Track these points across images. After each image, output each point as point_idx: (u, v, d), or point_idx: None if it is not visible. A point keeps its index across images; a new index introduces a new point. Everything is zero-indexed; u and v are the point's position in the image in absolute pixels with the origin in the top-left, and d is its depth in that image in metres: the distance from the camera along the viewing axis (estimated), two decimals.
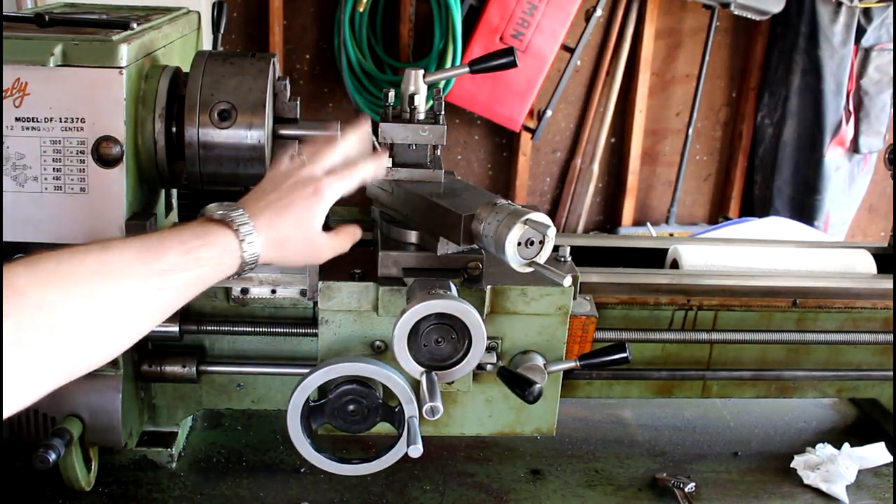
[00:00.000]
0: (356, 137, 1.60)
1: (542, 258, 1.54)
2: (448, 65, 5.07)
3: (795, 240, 3.61)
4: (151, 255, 1.26)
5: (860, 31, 5.41)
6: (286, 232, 1.45)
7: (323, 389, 1.68)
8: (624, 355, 1.71)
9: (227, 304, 1.92)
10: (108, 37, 1.70)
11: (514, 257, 1.52)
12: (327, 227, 1.55)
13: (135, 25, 1.79)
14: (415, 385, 1.64)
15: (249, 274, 1.45)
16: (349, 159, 1.57)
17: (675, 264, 2.34)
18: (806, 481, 2.06)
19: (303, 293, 1.90)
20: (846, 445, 2.14)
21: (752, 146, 5.98)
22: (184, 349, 1.93)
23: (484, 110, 5.41)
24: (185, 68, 1.88)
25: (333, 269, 1.76)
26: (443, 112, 1.83)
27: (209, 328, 1.90)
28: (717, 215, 6.16)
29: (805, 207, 5.70)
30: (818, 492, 2.04)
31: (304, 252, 1.51)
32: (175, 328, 1.87)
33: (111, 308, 1.19)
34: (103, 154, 1.70)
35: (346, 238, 1.60)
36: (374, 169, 1.59)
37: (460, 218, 1.60)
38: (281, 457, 2.08)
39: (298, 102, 1.90)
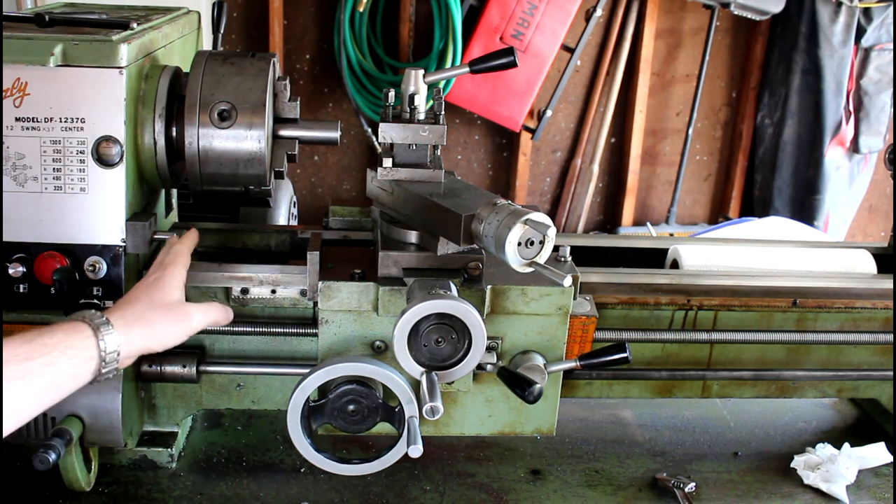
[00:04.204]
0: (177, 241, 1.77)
1: (543, 258, 1.54)
2: (448, 65, 5.07)
3: (795, 240, 3.61)
4: None
5: (860, 31, 5.41)
6: (141, 307, 1.55)
7: (323, 389, 1.68)
8: (624, 355, 1.71)
9: (227, 303, 1.92)
10: (108, 37, 1.70)
11: (514, 257, 1.52)
12: None
13: (135, 25, 1.79)
14: (415, 385, 1.64)
15: (126, 359, 1.48)
16: (177, 253, 1.71)
17: (675, 264, 2.34)
18: (806, 481, 2.06)
19: (303, 293, 1.89)
20: (846, 445, 2.14)
21: (752, 146, 5.98)
22: (184, 349, 1.92)
23: (484, 110, 5.41)
24: (185, 68, 1.88)
25: (333, 270, 1.76)
26: (443, 112, 1.83)
27: (209, 328, 1.90)
28: (717, 215, 6.17)
29: (805, 207, 5.70)
30: (818, 492, 2.04)
31: (170, 318, 1.58)
32: None
33: None
34: (103, 154, 1.70)
35: (213, 308, 1.69)
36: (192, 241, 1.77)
37: (460, 218, 1.60)
38: (281, 457, 2.08)
39: (298, 102, 1.90)
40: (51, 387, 1.33)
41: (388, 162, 1.81)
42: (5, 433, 1.27)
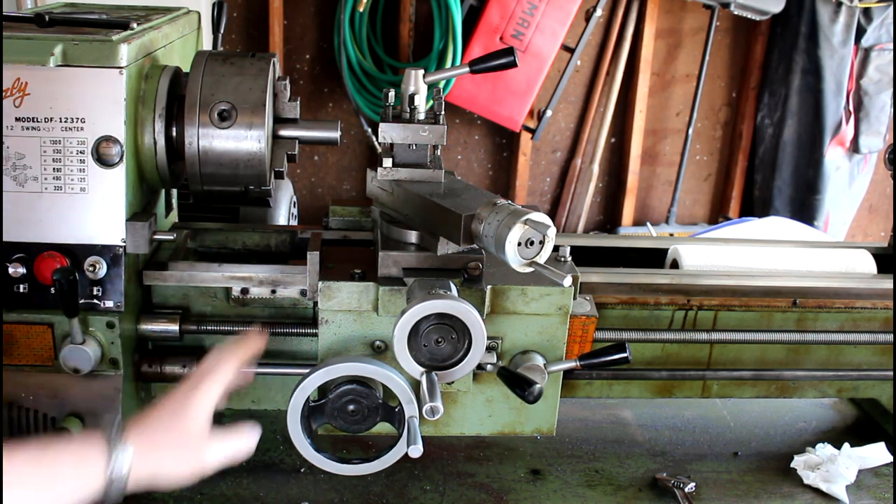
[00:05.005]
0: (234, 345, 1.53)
1: (543, 258, 1.54)
2: (448, 65, 5.07)
3: (795, 240, 3.61)
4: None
5: (860, 31, 5.41)
6: (160, 432, 1.38)
7: (323, 389, 1.68)
8: (624, 355, 1.71)
9: (227, 304, 1.92)
10: (108, 37, 1.70)
11: (514, 257, 1.52)
12: None
13: (135, 25, 1.79)
14: (415, 385, 1.64)
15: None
16: (222, 364, 1.48)
17: (675, 264, 2.34)
18: (806, 481, 2.06)
19: (303, 293, 1.90)
20: (846, 445, 2.14)
21: (752, 146, 5.98)
22: (184, 349, 1.93)
23: (484, 110, 5.41)
24: (185, 68, 1.88)
25: (333, 270, 1.76)
26: (443, 112, 1.83)
27: (209, 328, 1.90)
28: (717, 215, 6.16)
29: (805, 207, 5.70)
30: (818, 492, 2.04)
31: (183, 455, 1.40)
32: (175, 328, 1.87)
33: None
34: (103, 154, 1.70)
35: (237, 440, 1.45)
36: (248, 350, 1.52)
37: (460, 218, 1.60)
38: (281, 457, 2.08)
39: (298, 102, 1.90)
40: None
41: (388, 162, 1.81)
42: None
